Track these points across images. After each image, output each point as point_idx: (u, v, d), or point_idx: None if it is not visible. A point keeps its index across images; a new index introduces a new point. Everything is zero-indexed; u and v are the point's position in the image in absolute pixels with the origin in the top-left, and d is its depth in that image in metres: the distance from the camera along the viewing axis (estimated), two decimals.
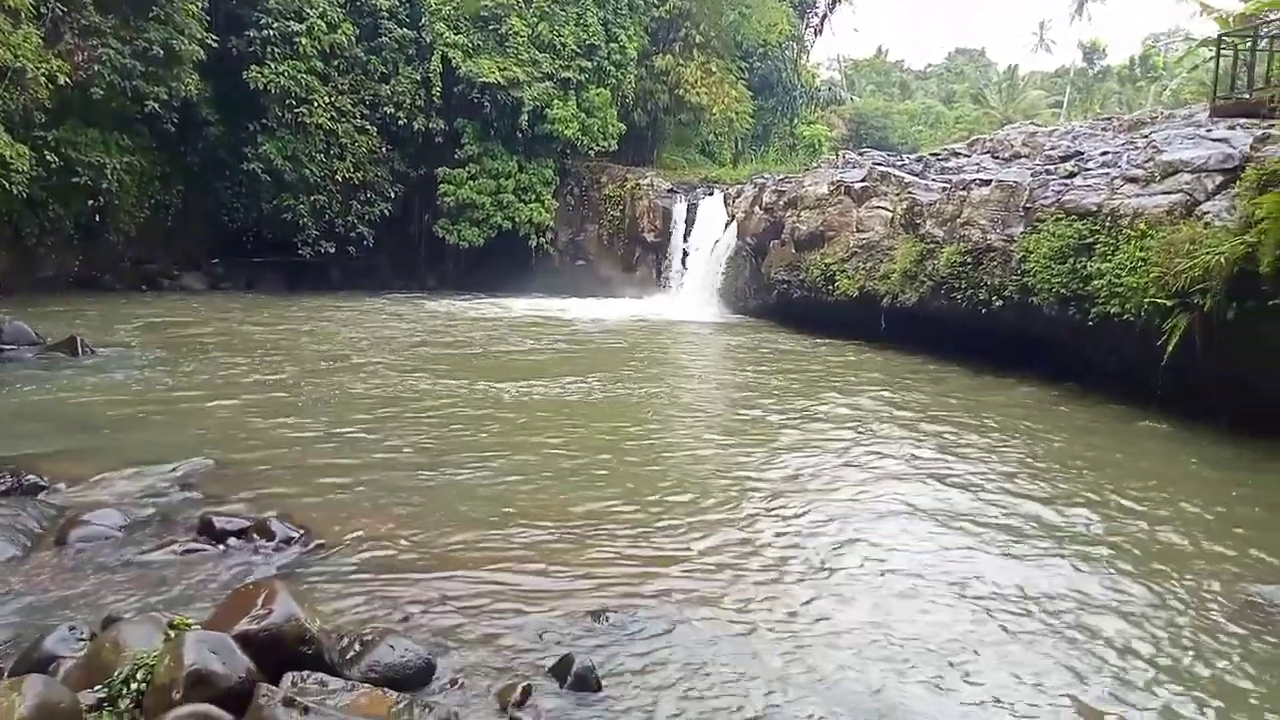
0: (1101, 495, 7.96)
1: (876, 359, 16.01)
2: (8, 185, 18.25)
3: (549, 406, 10.93)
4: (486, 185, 28.07)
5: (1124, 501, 7.79)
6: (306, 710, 3.09)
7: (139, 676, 3.47)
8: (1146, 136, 14.59)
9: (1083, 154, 15.01)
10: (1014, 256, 13.95)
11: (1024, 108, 59.30)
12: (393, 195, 27.73)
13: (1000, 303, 14.25)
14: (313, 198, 25.91)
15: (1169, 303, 10.51)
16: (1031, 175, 14.57)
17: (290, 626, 3.71)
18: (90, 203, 22.09)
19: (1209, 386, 10.36)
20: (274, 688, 3.21)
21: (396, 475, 7.91)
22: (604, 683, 4.32)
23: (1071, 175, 13.59)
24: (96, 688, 3.51)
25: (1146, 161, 12.29)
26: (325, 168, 25.95)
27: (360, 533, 6.38)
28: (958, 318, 15.32)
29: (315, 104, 25.10)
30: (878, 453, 9.18)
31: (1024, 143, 18.38)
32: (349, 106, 26.14)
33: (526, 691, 4.11)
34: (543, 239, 28.96)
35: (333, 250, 26.51)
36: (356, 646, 4.31)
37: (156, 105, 22.01)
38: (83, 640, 4.23)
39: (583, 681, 4.24)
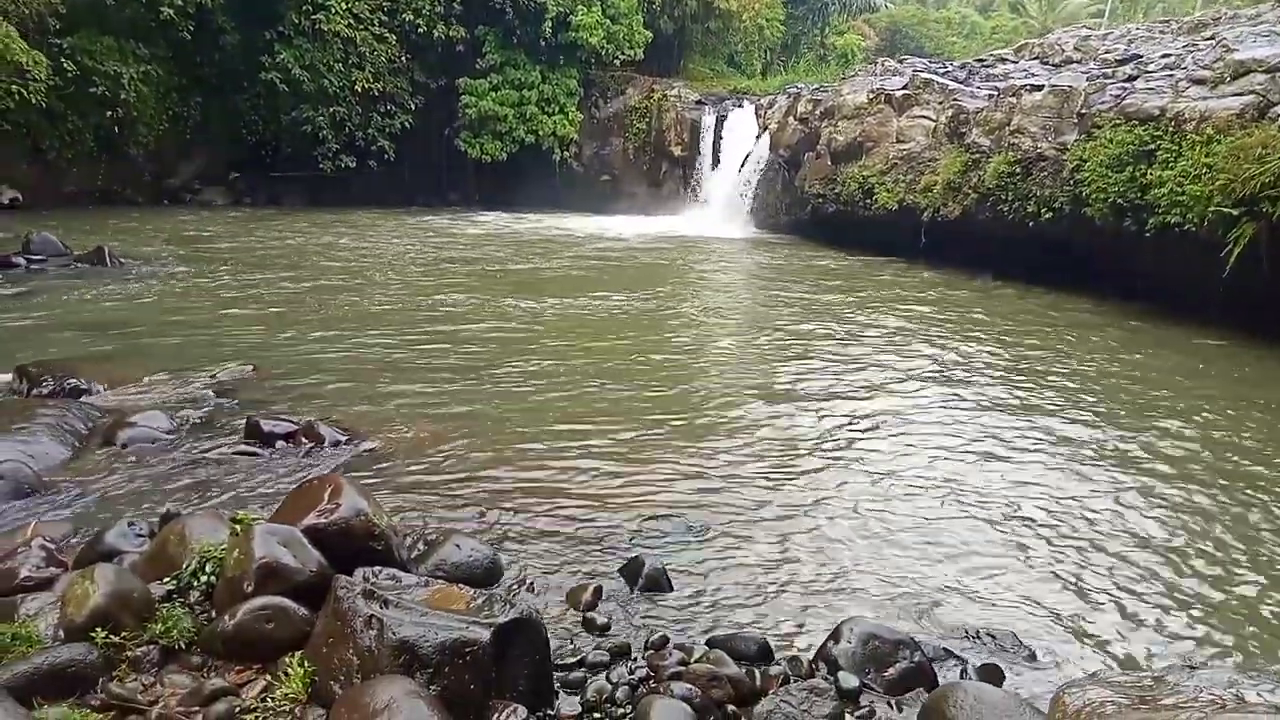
0: (1157, 411, 7.69)
1: (917, 275, 15.60)
2: (26, 93, 17.90)
3: (582, 321, 10.68)
4: (509, 96, 27.33)
5: (1183, 418, 7.52)
6: (386, 603, 2.94)
7: (208, 569, 3.35)
8: (1212, 37, 13.80)
9: (1141, 57, 14.26)
10: (1066, 166, 13.39)
11: (1064, 17, 56.86)
12: (413, 107, 27.06)
13: (1050, 215, 13.76)
14: (332, 109, 25.33)
15: (1235, 211, 10.05)
16: (1087, 80, 13.87)
17: (359, 521, 3.56)
18: (109, 114, 21.71)
19: (1273, 300, 9.95)
20: (351, 580, 3.07)
21: (436, 384, 7.75)
22: (674, 583, 4.17)
23: (1131, 79, 12.91)
24: (165, 580, 3.39)
25: (1215, 61, 11.63)
26: (344, 78, 25.29)
27: (408, 437, 6.25)
28: (1003, 232, 14.84)
29: (332, 10, 24.32)
30: (920, 368, 8.90)
31: (1076, 47, 17.52)
32: (367, 13, 25.32)
33: (598, 592, 3.97)
34: (566, 153, 28.29)
35: (353, 164, 26.05)
36: (421, 545, 4.19)
37: (171, 11, 21.40)
38: (142, 536, 4.12)
39: (654, 582, 4.10)
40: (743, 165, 24.61)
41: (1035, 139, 14.29)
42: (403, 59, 26.41)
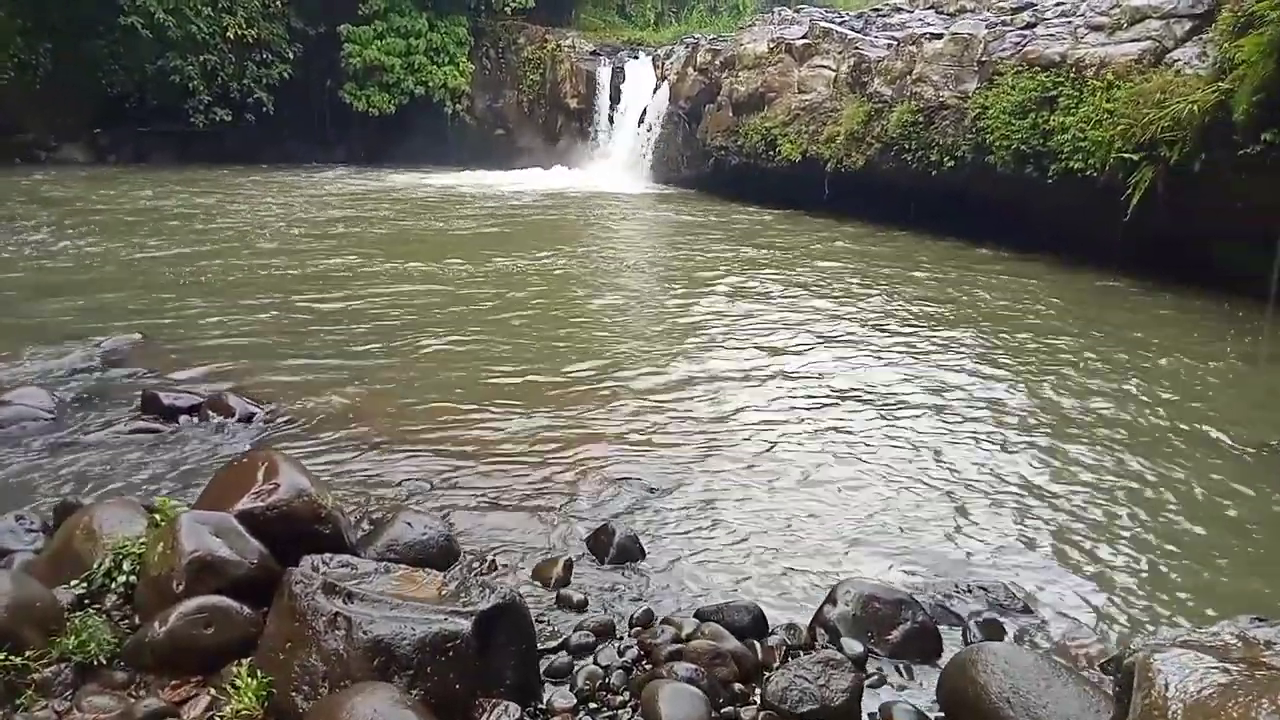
0: (1060, 354, 7.84)
1: (821, 227, 15.61)
2: None
3: (488, 282, 10.13)
4: (395, 45, 25.99)
5: (1085, 356, 7.69)
6: (350, 596, 2.55)
7: (125, 567, 2.87)
8: None
9: (1035, 4, 14.51)
10: (968, 114, 13.55)
11: None
12: (291, 56, 25.42)
13: (953, 163, 13.93)
14: (202, 57, 23.52)
15: (1135, 156, 10.33)
16: (986, 27, 14.03)
17: (302, 503, 3.12)
18: None
19: (1171, 243, 10.33)
20: (307, 572, 2.66)
21: (343, 351, 7.20)
22: (647, 550, 3.91)
23: (1030, 26, 13.12)
24: (73, 583, 2.89)
25: (1112, 8, 11.89)
26: (214, 23, 23.50)
27: (328, 408, 5.75)
28: (907, 182, 14.98)
29: None
30: (831, 322, 8.83)
31: None
32: None
33: (569, 566, 3.66)
34: (458, 105, 27.19)
35: (229, 118, 24.33)
36: (366, 524, 3.78)
37: None
38: (34, 531, 3.58)
39: (626, 552, 3.82)
40: (641, 118, 24.17)
41: (937, 88, 14.41)
42: (278, 3, 24.74)
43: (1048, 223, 12.50)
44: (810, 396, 6.32)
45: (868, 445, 5.41)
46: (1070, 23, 12.44)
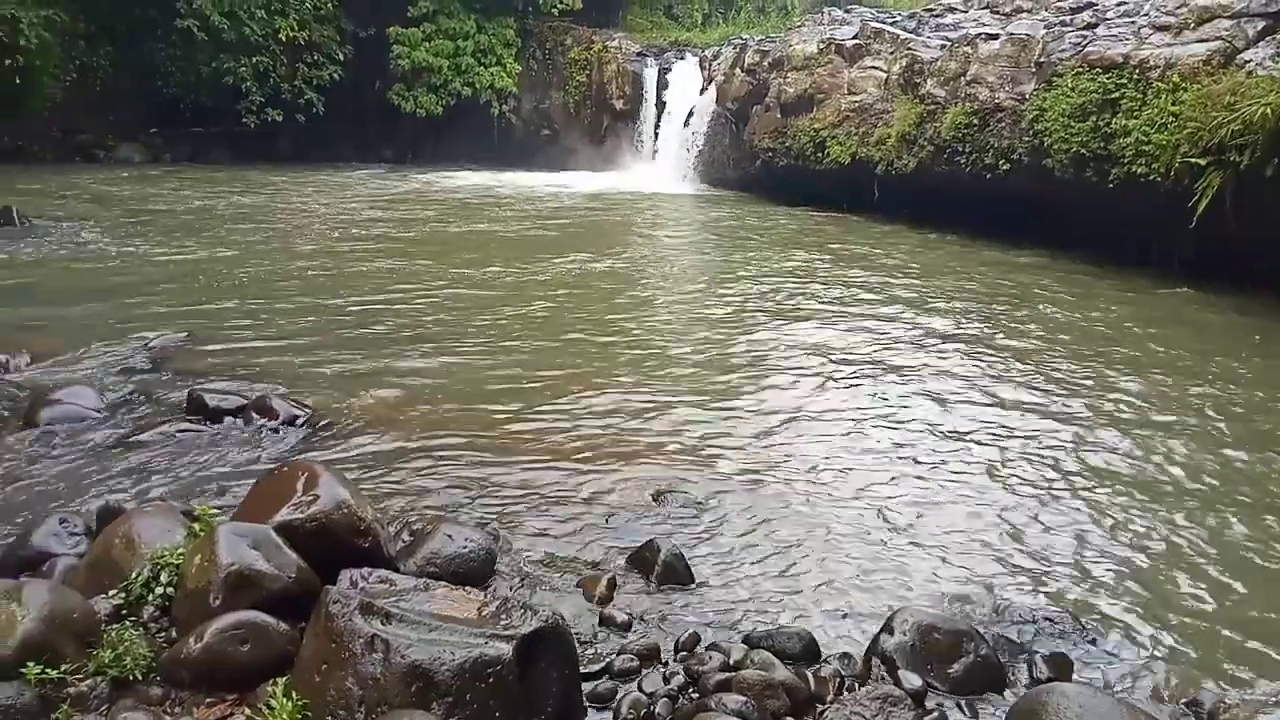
0: (1126, 359, 7.53)
1: (870, 231, 15.32)
2: None
3: (537, 285, 10.05)
4: (444, 47, 26.15)
5: (1152, 366, 7.38)
6: (388, 617, 2.47)
7: (163, 579, 2.82)
8: None
9: (1096, 4, 14.08)
10: (1025, 116, 13.19)
11: None
12: (341, 58, 25.71)
13: (1008, 166, 13.58)
14: (255, 59, 23.89)
15: (1202, 161, 9.93)
16: (1045, 28, 13.65)
17: (342, 515, 3.05)
18: (7, 62, 19.99)
19: (1238, 251, 9.92)
20: (345, 591, 2.58)
21: (389, 353, 7.16)
22: (693, 568, 3.78)
23: (1091, 26, 12.72)
24: (111, 593, 2.85)
25: (1179, 7, 11.47)
26: (266, 25, 23.85)
27: (369, 411, 5.70)
28: (960, 185, 14.63)
29: None
30: (893, 330, 8.58)
31: None
32: None
33: (613, 584, 3.55)
34: (505, 106, 27.26)
35: (280, 118, 24.67)
36: (406, 535, 3.70)
37: None
38: (77, 535, 3.56)
39: (673, 571, 3.68)
40: (688, 119, 24.00)
41: (993, 89, 14.06)
42: (329, 5, 25.03)
43: (1106, 228, 12.10)
44: (863, 410, 6.13)
45: (924, 464, 5.21)
46: (1134, 23, 12.04)
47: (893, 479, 4.96)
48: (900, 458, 5.28)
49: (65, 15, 21.20)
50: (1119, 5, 13.52)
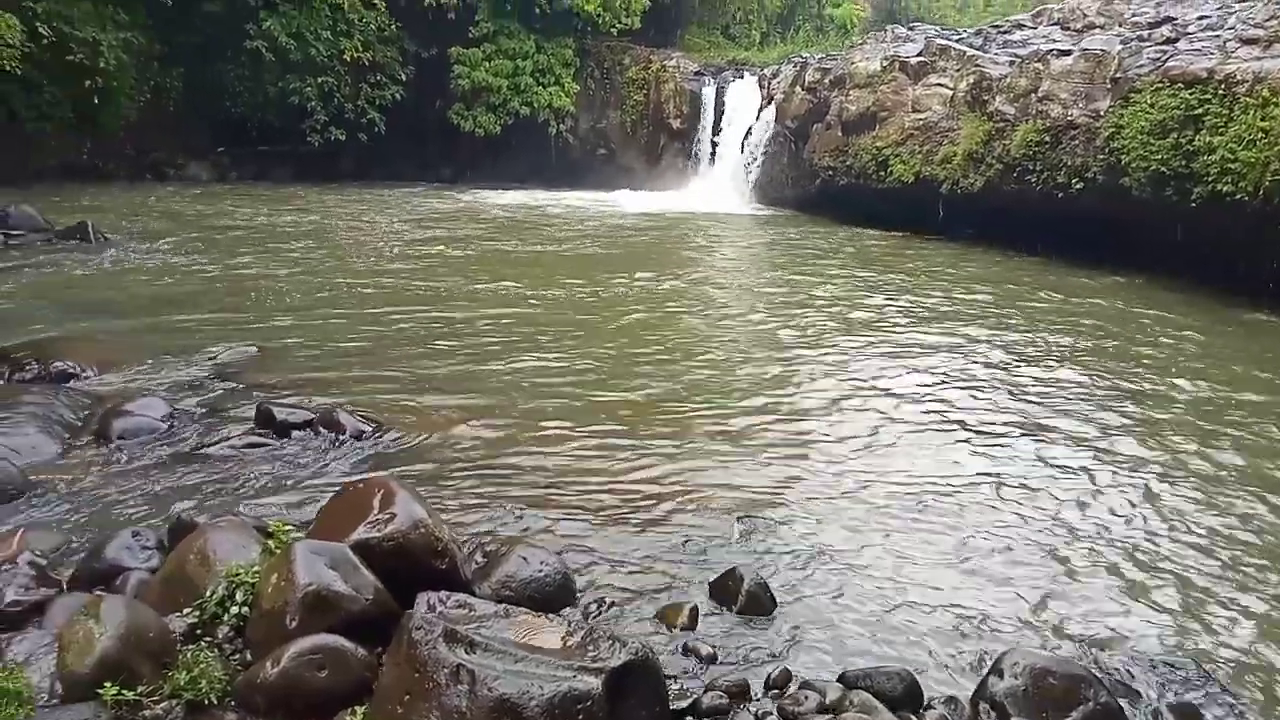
0: (1211, 389, 7.13)
1: (936, 250, 14.97)
2: None
3: (599, 303, 9.94)
4: (503, 67, 26.41)
5: (1235, 396, 6.97)
6: (473, 645, 2.33)
7: (238, 597, 2.73)
8: None
9: (1174, 20, 13.65)
10: (1100, 133, 12.79)
11: None
12: (403, 78, 26.13)
13: (1081, 185, 13.17)
14: (320, 79, 24.37)
15: None
16: (1121, 43, 13.25)
17: (419, 535, 2.94)
18: (87, 83, 20.71)
19: None
20: (427, 616, 2.46)
21: (452, 369, 7.10)
22: (777, 599, 3.58)
23: (1171, 40, 12.30)
24: (186, 611, 2.77)
25: (1268, 20, 11.02)
26: (332, 46, 24.32)
27: (434, 428, 5.62)
28: (1030, 204, 14.24)
29: None
30: (973, 350, 8.29)
31: (1099, 12, 16.87)
32: None
33: (694, 614, 3.37)
34: (562, 126, 27.40)
35: (343, 137, 25.11)
36: (479, 557, 3.58)
37: None
38: (149, 548, 3.50)
39: (756, 601, 3.50)
40: (746, 138, 23.86)
41: (1065, 106, 13.68)
42: (393, 27, 25.47)
43: (1187, 249, 11.62)
44: (946, 435, 5.87)
45: (1015, 492, 4.94)
46: (1218, 36, 11.60)
47: (982, 508, 4.71)
48: (988, 485, 5.03)
49: (142, 38, 21.90)
50: (1200, 19, 13.08)
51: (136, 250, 12.18)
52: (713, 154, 25.57)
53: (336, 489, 4.30)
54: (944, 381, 7.10)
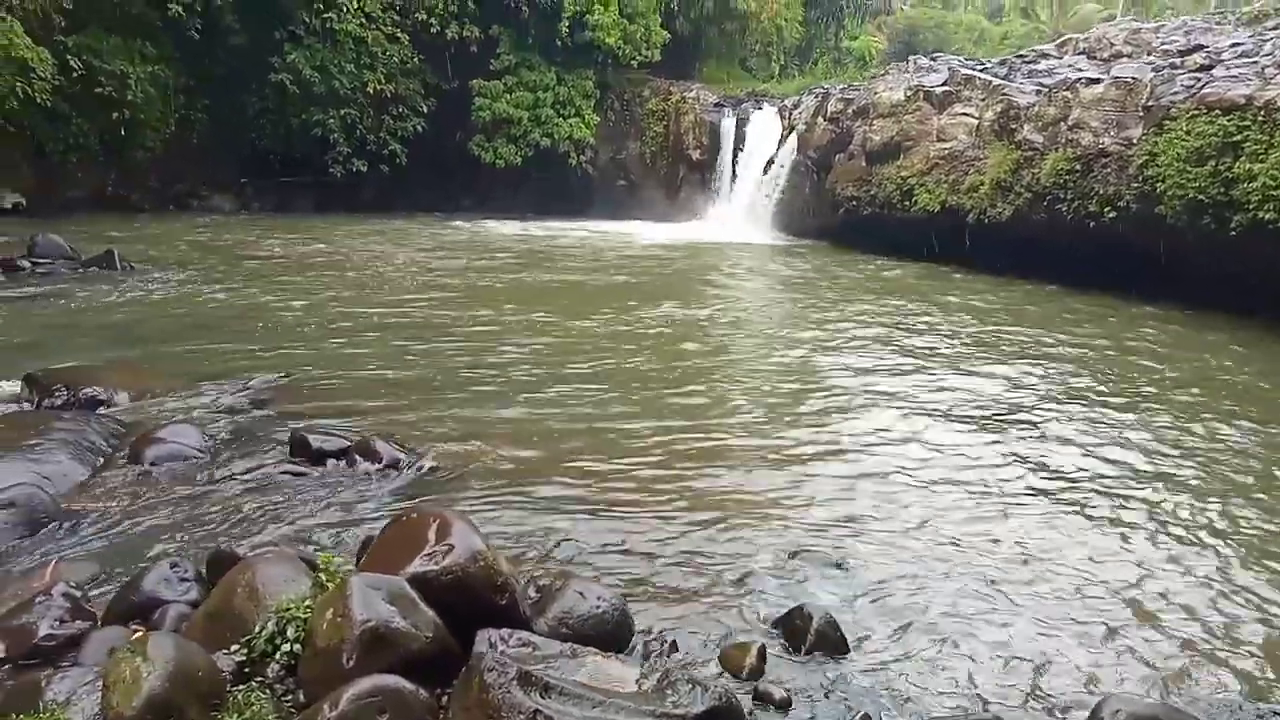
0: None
1: (964, 280, 14.78)
2: (30, 91, 17.19)
3: (627, 334, 9.74)
4: (524, 99, 26.55)
5: None
6: (548, 689, 2.16)
7: (289, 634, 2.57)
8: (1276, 27, 13.09)
9: (1205, 47, 13.53)
10: (1133, 161, 12.65)
11: (1075, 23, 56.30)
12: (425, 110, 26.28)
13: (1114, 214, 12.99)
14: (343, 111, 24.55)
15: None
16: (1153, 71, 13.14)
17: (479, 568, 2.76)
18: (114, 115, 20.95)
19: None
20: (500, 656, 2.28)
21: (481, 398, 6.94)
22: (847, 638, 3.39)
23: (1205, 68, 12.18)
24: (233, 648, 2.60)
25: None
26: (355, 79, 24.51)
27: (470, 457, 5.46)
28: (1059, 233, 14.08)
29: (344, 9, 23.58)
30: (1020, 380, 8.09)
31: (1126, 40, 16.80)
32: (379, 12, 24.55)
33: (762, 654, 3.18)
34: (582, 157, 27.47)
35: (365, 169, 25.23)
36: (532, 592, 3.40)
37: (179, 8, 20.69)
38: (187, 581, 3.35)
39: (826, 640, 3.31)
40: (766, 169, 23.84)
41: (1096, 134, 13.56)
42: (415, 59, 25.68)
43: (1225, 278, 11.40)
44: (1002, 464, 5.67)
45: (1086, 522, 4.73)
46: (1256, 63, 11.47)
47: (1048, 538, 4.49)
48: (1053, 513, 4.81)
49: (169, 71, 22.17)
50: (1234, 46, 12.96)
51: (162, 279, 12.16)
52: (732, 185, 25.57)
53: (378, 518, 4.16)
54: (990, 411, 6.90)
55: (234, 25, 23.06)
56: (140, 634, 2.50)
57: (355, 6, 23.88)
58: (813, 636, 3.29)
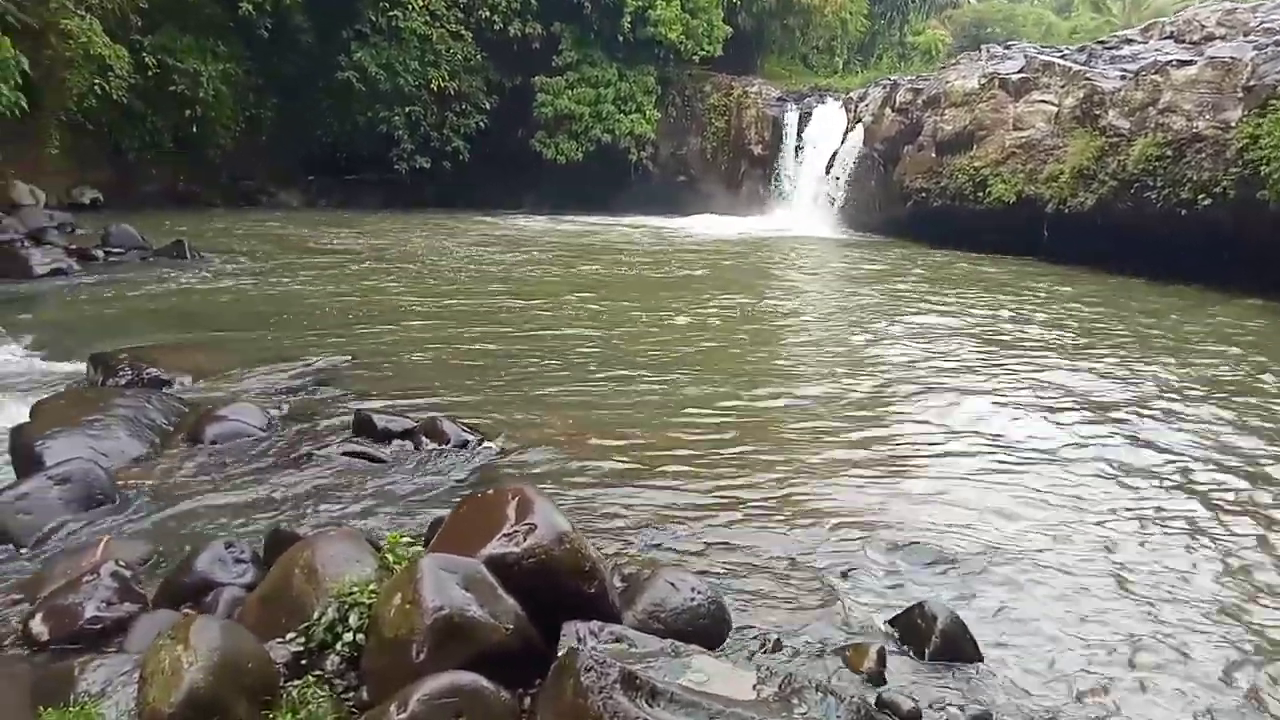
0: None
1: (1045, 274, 14.01)
2: (107, 87, 17.51)
3: (699, 326, 9.29)
4: (585, 95, 26.39)
5: None
6: (655, 695, 1.82)
7: (351, 621, 2.26)
8: None
9: None
10: (1231, 145, 11.87)
11: (1148, 15, 54.31)
12: (488, 107, 26.30)
13: (1209, 201, 12.21)
14: (407, 109, 24.68)
15: None
16: (1254, 49, 12.33)
17: (565, 551, 2.42)
18: (187, 113, 21.32)
19: None
20: (597, 654, 1.95)
21: (551, 383, 6.65)
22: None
23: None
24: (289, 636, 2.31)
25: None
26: (420, 76, 24.61)
27: (543, 440, 5.16)
28: (1147, 222, 13.31)
29: (409, 7, 23.68)
30: (1126, 375, 7.47)
31: (1219, 21, 15.88)
32: (443, 10, 24.61)
33: (882, 658, 2.78)
34: (643, 153, 27.20)
35: (428, 165, 25.35)
36: (617, 581, 3.06)
37: (250, 7, 20.94)
38: (243, 562, 3.09)
39: (953, 644, 2.90)
40: (830, 162, 23.27)
41: (1189, 118, 12.78)
42: (478, 57, 25.70)
43: None
44: (1115, 456, 5.17)
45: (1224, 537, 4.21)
46: None
47: (1171, 534, 4.01)
48: (1176, 513, 4.32)
49: (239, 69, 22.50)
50: None
51: (230, 268, 12.19)
52: (795, 179, 25.05)
53: (447, 500, 3.88)
54: (1099, 405, 6.37)
55: (302, 24, 23.31)
56: (184, 619, 2.23)
57: (420, 4, 23.98)
58: (937, 639, 2.88)
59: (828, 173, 23.23)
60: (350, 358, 6.92)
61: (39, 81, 16.23)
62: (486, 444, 4.91)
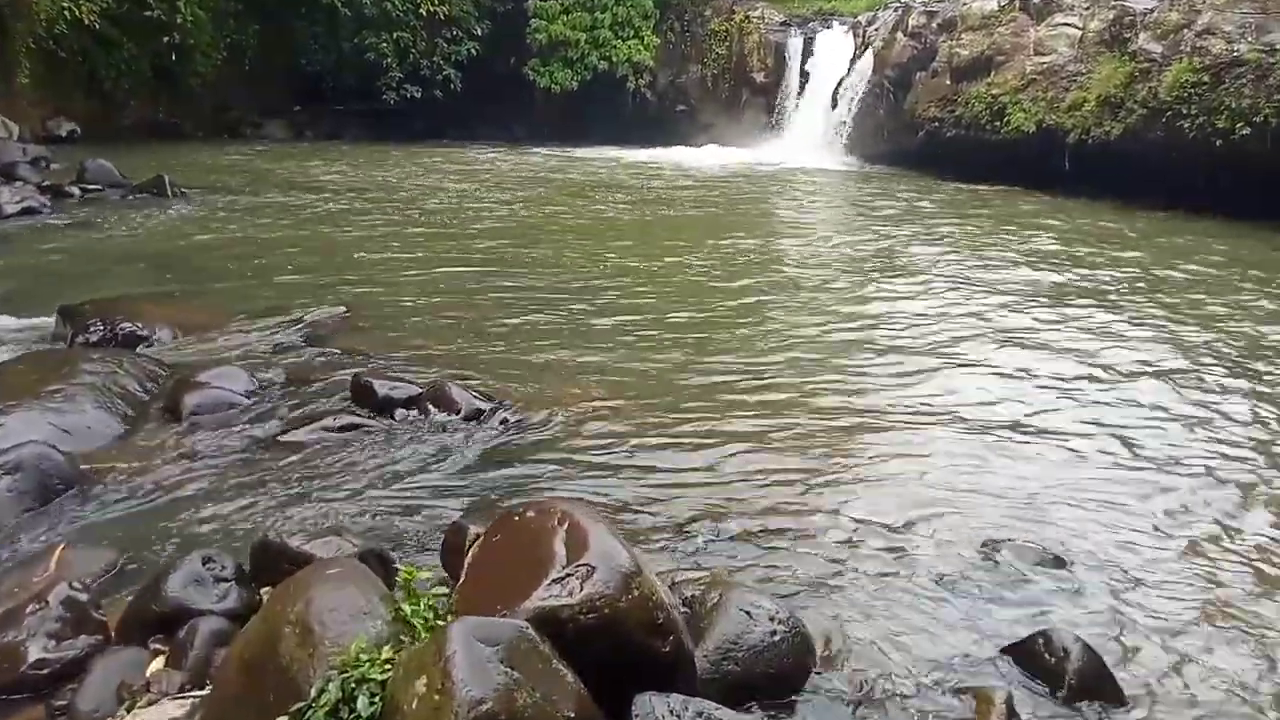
0: None
1: (1068, 208, 13.30)
2: (78, 11, 16.51)
3: (706, 270, 8.59)
4: (581, 20, 25.23)
5: None
6: None
7: (360, 706, 1.73)
8: None
9: None
10: (1276, 70, 11.14)
11: None
12: (479, 33, 25.18)
13: (1248, 130, 11.54)
14: (396, 35, 23.59)
15: None
16: None
17: (633, 602, 1.87)
18: (165, 39, 20.25)
19: None
20: None
21: (561, 338, 6.03)
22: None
23: None
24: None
25: None
26: (408, 0, 23.45)
27: (561, 405, 4.60)
28: (1180, 153, 12.62)
29: None
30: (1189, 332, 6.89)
31: None
32: None
33: (1010, 708, 2.27)
34: (641, 81, 26.14)
35: (418, 94, 24.33)
36: (679, 604, 2.53)
37: None
38: (225, 580, 2.57)
39: (1091, 682, 2.40)
40: (836, 90, 22.31)
41: (1230, 40, 12.03)
42: None
43: None
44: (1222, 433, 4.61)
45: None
46: None
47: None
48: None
49: None
50: None
51: (213, 206, 11.48)
52: (799, 108, 24.09)
53: (463, 487, 3.36)
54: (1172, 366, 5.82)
55: None
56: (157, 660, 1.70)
57: None
58: (1072, 678, 2.38)
59: (834, 102, 22.32)
60: (344, 309, 6.32)
61: (3, 5, 15.25)
62: (501, 414, 4.35)
